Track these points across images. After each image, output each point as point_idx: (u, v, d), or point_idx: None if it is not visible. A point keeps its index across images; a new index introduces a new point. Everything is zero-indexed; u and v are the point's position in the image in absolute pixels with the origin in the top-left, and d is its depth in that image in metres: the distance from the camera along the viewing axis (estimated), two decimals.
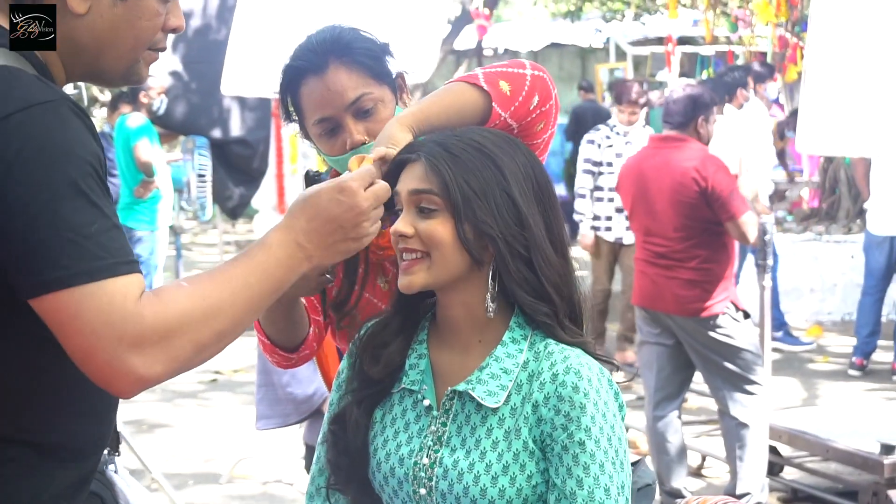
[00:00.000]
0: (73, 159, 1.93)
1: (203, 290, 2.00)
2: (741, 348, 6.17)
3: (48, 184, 1.90)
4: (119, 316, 1.91)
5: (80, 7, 2.08)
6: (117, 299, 1.91)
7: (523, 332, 2.31)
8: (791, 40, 12.16)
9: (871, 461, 5.99)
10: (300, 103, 2.72)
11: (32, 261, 1.90)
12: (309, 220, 2.12)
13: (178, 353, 1.96)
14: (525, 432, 2.24)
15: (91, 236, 1.91)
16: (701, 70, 15.46)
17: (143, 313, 1.92)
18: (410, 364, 2.38)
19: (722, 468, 6.87)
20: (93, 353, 1.91)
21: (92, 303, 1.90)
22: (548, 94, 2.50)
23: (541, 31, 22.24)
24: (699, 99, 6.28)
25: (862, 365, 9.42)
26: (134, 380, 1.93)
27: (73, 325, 1.91)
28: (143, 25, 2.15)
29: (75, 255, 1.90)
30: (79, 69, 2.16)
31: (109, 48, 2.13)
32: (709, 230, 6.14)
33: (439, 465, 2.28)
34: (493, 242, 2.25)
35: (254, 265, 2.06)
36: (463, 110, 2.41)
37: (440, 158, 2.26)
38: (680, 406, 6.56)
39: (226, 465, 7.13)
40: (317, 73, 2.66)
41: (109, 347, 1.90)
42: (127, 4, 2.11)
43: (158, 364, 1.94)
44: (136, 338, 1.91)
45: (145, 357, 1.92)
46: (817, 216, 12.70)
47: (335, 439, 2.43)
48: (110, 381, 1.94)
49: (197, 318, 1.97)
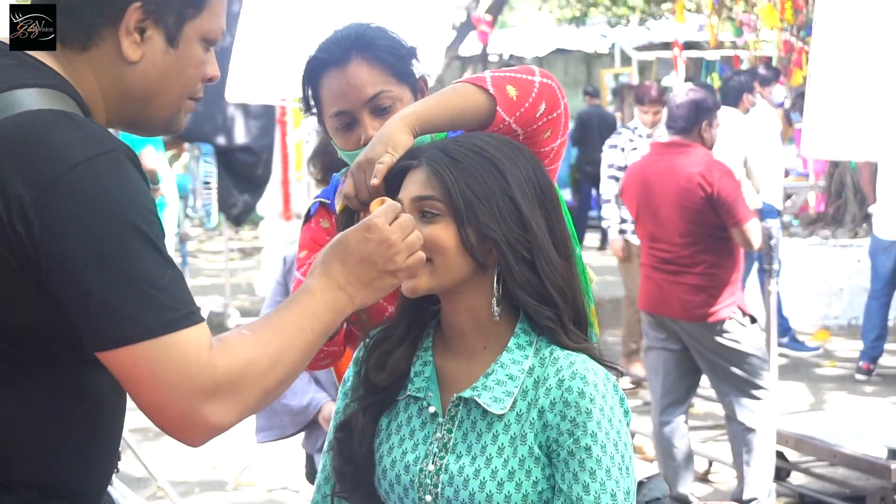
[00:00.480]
0: (138, 208, 1.94)
1: (265, 338, 2.03)
2: (748, 353, 6.16)
3: (119, 235, 1.90)
4: (195, 368, 1.93)
5: (135, 54, 2.09)
6: (191, 351, 1.93)
7: (528, 338, 2.31)
8: (796, 44, 12.15)
9: (878, 466, 5.98)
10: (320, 95, 2.72)
11: (105, 313, 1.90)
12: (342, 263, 2.14)
13: (248, 400, 2.00)
14: (531, 438, 2.23)
15: (164, 287, 1.93)
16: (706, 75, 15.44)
17: (216, 364, 1.95)
18: (416, 371, 2.38)
19: (729, 473, 6.85)
20: (168, 404, 1.94)
21: (168, 355, 1.91)
22: (555, 103, 2.47)
23: (546, 36, 22.25)
24: (702, 103, 6.27)
25: (869, 369, 9.40)
26: (208, 429, 1.97)
27: (148, 378, 1.92)
28: (190, 74, 2.16)
29: (150, 307, 1.91)
30: (124, 116, 2.16)
31: (158, 97, 2.14)
32: (714, 235, 6.13)
33: (444, 471, 2.27)
34: (496, 246, 2.25)
35: (303, 310, 2.09)
36: (466, 112, 2.39)
37: (442, 164, 2.26)
38: (686, 411, 6.55)
39: (231, 472, 7.13)
40: (338, 65, 2.67)
41: (185, 399, 1.93)
42: (178, 52, 2.13)
43: (231, 413, 1.98)
44: (211, 389, 1.94)
45: (219, 406, 1.95)
46: (823, 220, 12.68)
47: (341, 447, 2.42)
48: (184, 431, 1.98)
49: (264, 367, 2.01)
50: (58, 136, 1.93)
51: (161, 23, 2.09)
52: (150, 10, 2.08)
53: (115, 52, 2.08)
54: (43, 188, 1.89)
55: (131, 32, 2.07)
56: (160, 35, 2.10)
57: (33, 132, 1.93)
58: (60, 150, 1.91)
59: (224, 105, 10.63)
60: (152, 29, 2.09)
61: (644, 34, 20.14)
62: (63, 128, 1.95)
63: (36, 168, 1.90)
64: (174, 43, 2.12)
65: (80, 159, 1.91)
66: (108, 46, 2.08)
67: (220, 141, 11.25)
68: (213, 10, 2.17)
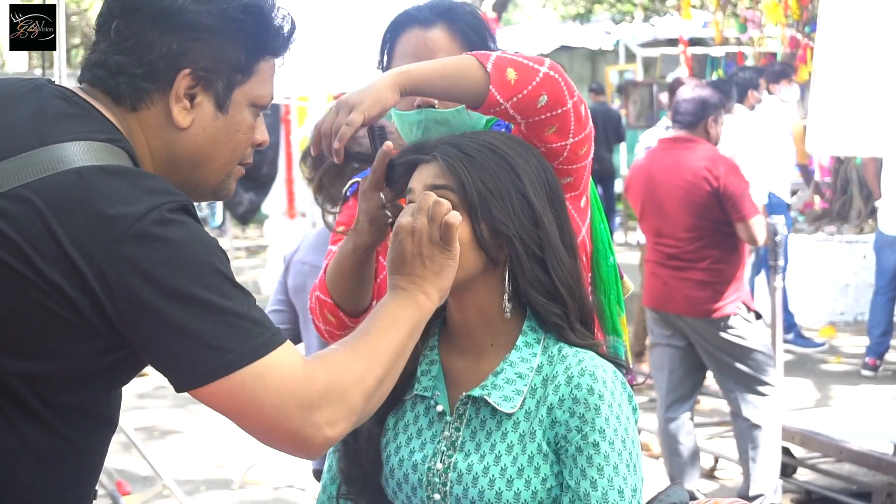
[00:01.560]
0: (210, 248, 1.96)
1: (353, 346, 2.08)
2: (753, 349, 6.15)
3: (193, 281, 1.91)
4: (294, 385, 1.95)
5: (185, 121, 2.10)
6: (287, 370, 1.95)
7: (536, 335, 2.31)
8: (801, 41, 12.14)
9: (884, 462, 5.97)
10: (395, 48, 2.72)
11: (195, 350, 1.92)
12: (398, 272, 2.20)
13: (353, 405, 2.02)
14: (539, 435, 2.24)
15: (245, 315, 1.95)
16: (711, 71, 15.43)
17: (314, 376, 1.98)
18: (422, 370, 2.38)
19: (735, 470, 6.85)
20: (278, 425, 1.96)
21: (264, 380, 1.93)
22: (560, 98, 2.42)
23: (550, 33, 22.23)
24: (709, 99, 6.29)
25: (875, 365, 9.39)
26: (322, 440, 1.99)
27: (251, 405, 1.94)
28: (239, 139, 2.17)
29: (237, 336, 1.93)
30: (173, 179, 2.12)
31: (207, 162, 2.15)
32: (720, 231, 6.13)
33: (453, 469, 2.27)
34: (508, 242, 2.25)
35: (380, 316, 2.16)
36: (461, 84, 2.36)
37: (456, 159, 2.26)
38: (692, 408, 6.54)
39: (238, 470, 7.13)
40: (423, 26, 2.68)
41: (295, 416, 1.95)
42: (227, 118, 2.13)
43: (340, 421, 2.00)
44: (317, 400, 1.97)
45: (326, 415, 1.98)
46: (829, 216, 12.66)
47: (347, 450, 2.42)
48: (300, 446, 2.00)
49: (360, 370, 2.04)
50: (118, 189, 1.93)
51: (211, 89, 2.10)
52: (201, 77, 2.08)
53: (165, 116, 2.09)
54: (112, 242, 1.89)
55: (181, 99, 2.08)
56: (210, 101, 2.11)
57: (88, 190, 1.92)
58: (123, 204, 1.91)
59: None
60: (202, 95, 2.10)
61: (648, 31, 20.12)
62: (121, 181, 1.95)
63: (100, 225, 1.89)
64: (224, 109, 2.12)
65: (146, 211, 1.91)
66: (158, 110, 2.09)
67: None
68: (261, 76, 2.17)
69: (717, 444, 7.35)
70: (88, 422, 2.05)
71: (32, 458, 2.01)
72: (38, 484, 2.03)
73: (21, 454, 1.99)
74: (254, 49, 2.14)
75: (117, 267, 1.89)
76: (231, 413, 1.97)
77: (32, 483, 2.02)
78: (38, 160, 1.94)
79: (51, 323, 1.92)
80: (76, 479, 2.10)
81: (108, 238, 1.89)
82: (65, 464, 2.04)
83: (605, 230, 2.73)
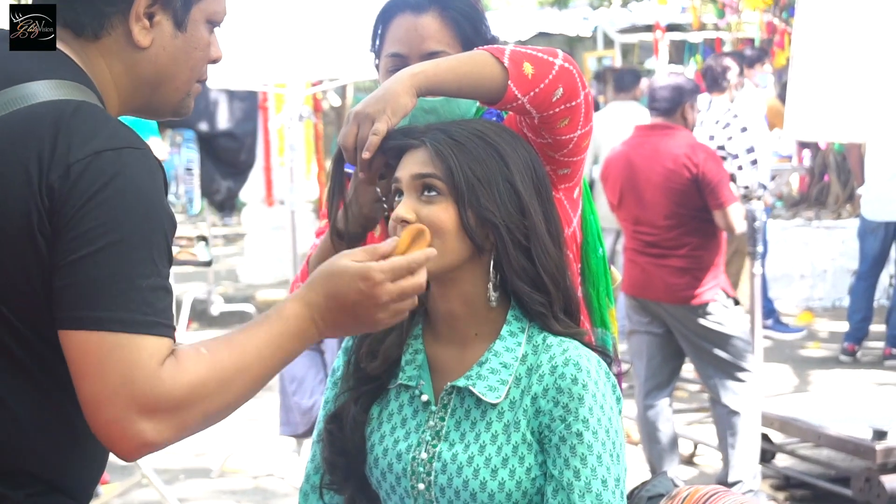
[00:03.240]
0: (152, 214, 1.95)
1: (221, 360, 1.98)
2: (732, 335, 6.17)
3: (121, 226, 1.91)
4: (140, 376, 1.89)
5: (145, 40, 2.13)
6: (143, 358, 1.90)
7: (521, 324, 2.31)
8: (779, 26, 12.16)
9: (863, 447, 5.99)
10: (386, 33, 2.72)
11: (78, 293, 1.90)
12: (326, 299, 2.07)
13: (187, 422, 1.95)
14: (524, 425, 2.24)
15: (141, 289, 1.92)
16: (689, 57, 15.44)
17: (163, 377, 1.90)
18: (406, 360, 2.37)
19: (714, 456, 6.86)
20: (102, 404, 1.90)
21: (119, 353, 1.89)
22: (574, 90, 2.41)
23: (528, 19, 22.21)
24: (684, 86, 6.33)
25: (853, 350, 9.42)
26: (139, 444, 1.92)
27: (94, 368, 1.90)
28: (197, 56, 2.20)
29: (123, 302, 1.90)
30: (135, 102, 2.20)
31: (169, 80, 2.18)
32: (699, 217, 6.14)
33: (438, 459, 2.27)
34: (494, 230, 2.25)
35: (269, 337, 2.04)
36: (479, 82, 2.34)
37: (445, 145, 2.25)
38: (671, 395, 6.56)
39: (217, 459, 7.12)
40: (414, 11, 2.68)
41: (121, 406, 1.89)
42: (186, 36, 2.17)
43: (167, 431, 1.93)
44: (151, 403, 1.90)
45: (155, 423, 1.91)
46: (807, 202, 12.70)
47: (332, 438, 2.41)
48: (114, 440, 1.93)
49: (211, 390, 1.96)
50: (87, 122, 1.97)
51: (169, 7, 2.14)
52: None
53: (125, 38, 2.13)
54: (68, 164, 1.92)
55: (141, 18, 2.12)
56: (169, 19, 2.14)
57: (61, 118, 1.96)
58: (89, 134, 1.95)
59: (206, 91, 10.61)
60: (161, 14, 2.13)
61: (626, 16, 20.10)
62: (90, 117, 1.99)
63: (63, 148, 1.93)
64: (182, 27, 2.16)
65: (109, 146, 1.94)
66: (118, 34, 2.13)
67: (203, 127, 11.24)
68: None
69: (696, 430, 7.37)
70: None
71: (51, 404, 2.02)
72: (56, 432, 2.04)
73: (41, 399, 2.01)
74: None
75: (65, 185, 1.91)
76: (75, 368, 1.91)
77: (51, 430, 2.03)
78: (7, 98, 1.99)
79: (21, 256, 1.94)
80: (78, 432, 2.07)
81: (64, 160, 1.92)
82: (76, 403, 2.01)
83: (595, 221, 2.72)
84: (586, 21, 20.66)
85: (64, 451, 2.06)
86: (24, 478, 2.03)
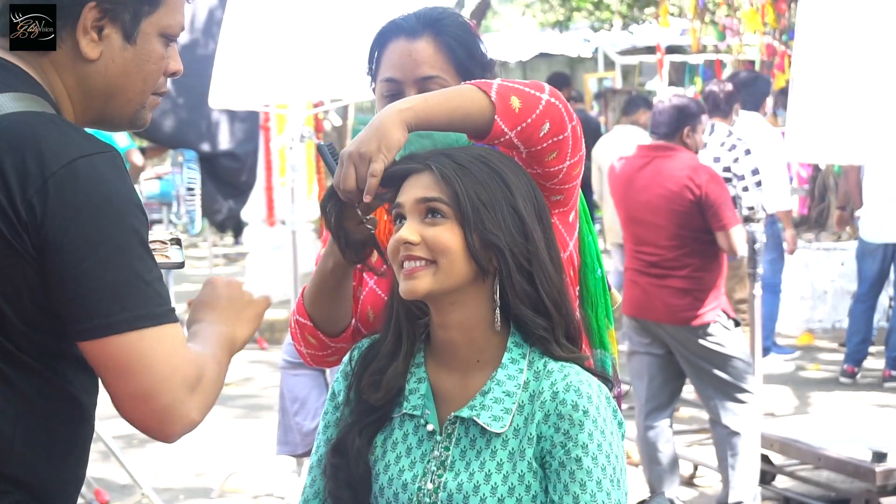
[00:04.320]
0: (132, 209, 2.01)
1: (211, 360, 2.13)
2: (732, 357, 6.16)
3: (113, 231, 1.97)
4: (182, 360, 2.00)
5: (93, 53, 2.15)
6: (178, 343, 2.00)
7: (521, 350, 2.31)
8: (779, 48, 12.18)
9: (862, 469, 5.99)
10: (382, 57, 2.72)
11: (95, 302, 1.95)
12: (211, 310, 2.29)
13: (211, 400, 2.08)
14: (529, 453, 2.24)
15: (151, 283, 2.00)
16: (689, 79, 15.46)
17: (195, 360, 2.04)
18: (410, 388, 2.37)
19: (714, 477, 6.86)
20: (156, 394, 1.98)
21: (159, 345, 1.97)
22: (561, 124, 2.41)
23: (529, 41, 22.27)
24: (685, 109, 6.29)
25: (853, 372, 9.41)
26: (187, 422, 2.03)
27: (137, 366, 1.96)
28: (150, 69, 2.21)
29: (141, 299, 1.97)
30: (89, 114, 2.22)
31: (120, 93, 2.20)
32: (700, 239, 6.14)
33: (443, 489, 2.27)
34: (499, 254, 2.26)
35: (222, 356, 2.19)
36: (467, 117, 2.33)
37: (450, 169, 2.26)
38: (671, 416, 6.55)
39: (217, 479, 7.11)
40: (408, 36, 2.68)
41: (174, 389, 1.98)
42: (136, 49, 2.18)
43: (203, 410, 2.05)
44: (195, 383, 2.02)
45: (196, 400, 2.02)
46: (807, 224, 12.70)
47: (335, 472, 2.40)
48: (165, 423, 2.01)
49: (217, 372, 2.12)
50: (54, 133, 2.00)
51: (117, 20, 2.15)
52: (106, 9, 2.13)
53: (75, 51, 2.15)
54: (44, 178, 1.94)
55: (88, 31, 2.14)
56: (117, 32, 2.16)
57: (28, 129, 1.99)
58: (59, 145, 1.98)
59: (208, 111, 10.63)
60: (109, 27, 2.15)
61: (627, 38, 20.15)
62: (56, 127, 2.02)
63: (36, 160, 1.95)
64: (131, 40, 2.17)
65: (80, 154, 1.98)
66: (67, 47, 2.14)
67: (205, 147, 11.23)
68: (170, 6, 2.22)
69: (696, 451, 7.36)
70: (69, 365, 2.07)
71: (31, 407, 2.03)
72: (42, 436, 2.06)
73: (19, 402, 2.02)
74: None
75: (47, 201, 1.94)
76: (117, 370, 1.98)
77: (37, 435, 2.05)
78: None
79: (4, 265, 1.97)
80: (75, 430, 2.12)
81: (39, 174, 1.95)
82: (60, 410, 2.07)
83: (594, 243, 2.73)
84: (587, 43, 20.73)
85: (47, 458, 2.08)
86: (7, 483, 2.05)
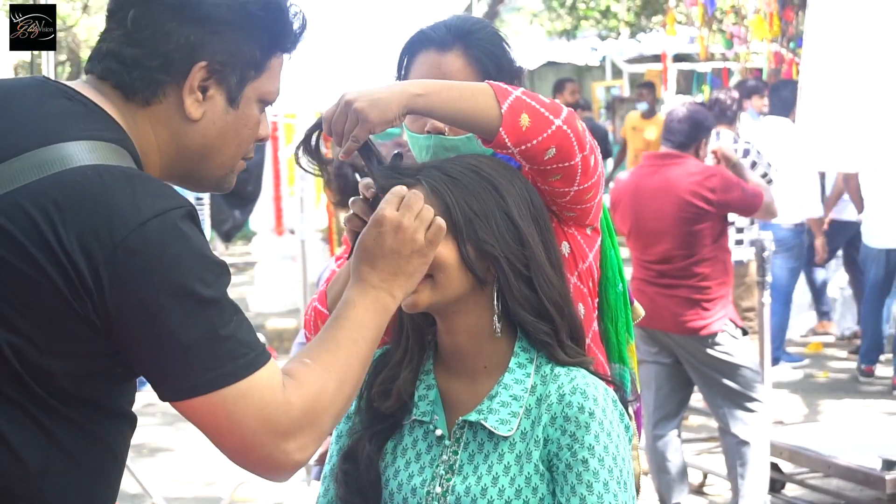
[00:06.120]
0: (205, 262, 1.97)
1: (326, 362, 2.08)
2: (741, 365, 6.16)
3: (189, 291, 1.93)
4: (272, 409, 1.97)
5: (197, 112, 2.11)
6: (266, 393, 1.97)
7: (528, 355, 2.32)
8: (786, 56, 12.17)
9: (872, 477, 5.98)
10: (411, 67, 2.69)
11: (177, 366, 1.94)
12: (370, 265, 2.18)
13: (323, 428, 2.05)
14: (535, 455, 2.25)
15: (231, 335, 1.96)
16: (696, 87, 15.47)
17: (291, 401, 2.00)
18: (419, 395, 2.39)
19: (723, 486, 6.85)
20: (251, 448, 1.99)
21: (245, 401, 1.96)
22: (569, 152, 2.37)
23: (537, 49, 22.28)
24: (703, 122, 6.34)
25: (871, 371, 9.48)
26: (292, 465, 2.02)
27: (229, 424, 1.97)
28: (246, 134, 2.19)
29: (219, 358, 1.94)
30: (176, 171, 2.17)
31: (215, 155, 2.17)
32: (708, 248, 6.15)
33: (451, 493, 2.29)
34: (495, 262, 2.26)
35: (350, 323, 2.14)
36: (473, 122, 2.32)
37: (441, 182, 2.27)
38: (679, 424, 6.55)
39: (227, 488, 7.10)
40: (439, 48, 2.64)
41: (269, 442, 1.98)
42: (237, 113, 2.16)
43: (311, 445, 2.03)
44: (291, 427, 1.99)
45: (299, 442, 2.01)
46: None
47: (347, 479, 2.42)
48: (270, 470, 2.03)
49: (332, 391, 2.06)
50: (127, 191, 1.94)
51: (224, 83, 2.12)
52: (215, 70, 2.10)
53: (176, 107, 2.11)
54: (114, 245, 1.90)
55: (195, 91, 2.10)
56: (222, 95, 2.13)
57: (98, 186, 1.93)
58: (131, 206, 1.92)
59: None
60: (215, 88, 2.12)
61: (635, 47, 20.17)
62: (130, 184, 1.95)
63: (106, 224, 1.90)
64: (235, 103, 2.14)
65: (151, 215, 1.92)
66: (170, 102, 2.10)
67: None
68: (272, 73, 2.20)
69: (705, 459, 7.35)
70: (106, 416, 2.07)
71: (63, 454, 2.01)
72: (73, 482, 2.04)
73: (51, 448, 2.00)
74: (268, 45, 2.17)
75: (116, 269, 1.90)
76: (208, 429, 1.99)
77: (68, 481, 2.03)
78: (41, 159, 1.95)
79: (58, 322, 1.93)
80: (107, 477, 2.11)
81: (109, 239, 1.90)
82: (94, 459, 2.05)
83: (617, 256, 2.69)
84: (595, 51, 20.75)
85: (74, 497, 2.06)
86: None
